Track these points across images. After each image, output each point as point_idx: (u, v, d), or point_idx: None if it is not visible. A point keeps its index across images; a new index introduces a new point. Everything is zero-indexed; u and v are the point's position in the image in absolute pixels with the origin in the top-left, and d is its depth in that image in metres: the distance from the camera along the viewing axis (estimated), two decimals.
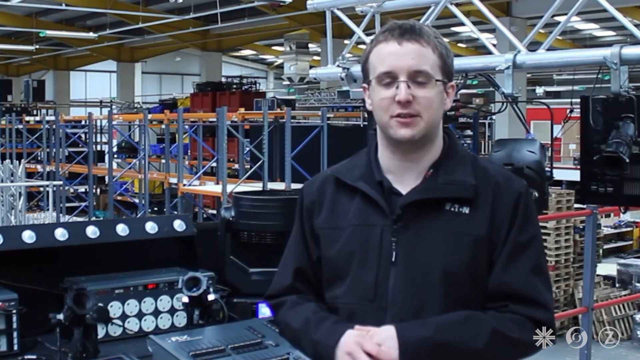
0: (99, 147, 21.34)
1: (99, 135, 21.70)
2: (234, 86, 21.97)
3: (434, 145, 1.91)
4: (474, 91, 21.67)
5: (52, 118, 19.52)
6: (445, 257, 1.83)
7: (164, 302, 3.04)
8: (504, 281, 1.84)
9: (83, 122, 19.55)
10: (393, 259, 1.85)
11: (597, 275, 9.83)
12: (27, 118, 21.55)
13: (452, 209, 1.86)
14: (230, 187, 11.36)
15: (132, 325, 2.97)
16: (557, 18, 6.24)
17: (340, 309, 1.92)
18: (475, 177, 1.89)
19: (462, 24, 5.37)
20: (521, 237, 1.86)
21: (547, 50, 4.45)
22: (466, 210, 1.85)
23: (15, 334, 2.72)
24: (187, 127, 14.67)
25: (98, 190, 19.82)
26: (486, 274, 1.86)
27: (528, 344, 1.83)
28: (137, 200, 17.02)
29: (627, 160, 3.76)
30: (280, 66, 29.04)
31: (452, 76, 1.92)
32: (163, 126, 16.44)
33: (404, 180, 1.90)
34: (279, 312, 2.02)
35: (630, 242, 15.49)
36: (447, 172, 1.89)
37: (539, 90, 29.44)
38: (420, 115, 1.84)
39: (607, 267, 11.45)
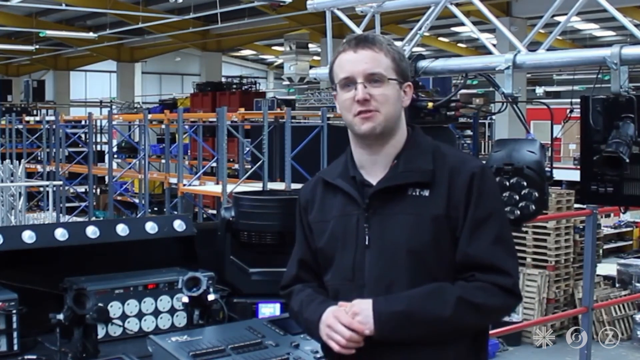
0: (99, 147, 21.36)
1: (99, 135, 21.70)
2: (234, 86, 21.96)
3: (396, 138, 2.16)
4: (474, 91, 21.69)
5: (52, 118, 19.51)
6: (409, 236, 2.07)
7: (164, 302, 3.04)
8: (468, 253, 2.06)
9: (83, 122, 19.55)
10: (367, 243, 2.11)
11: (597, 275, 9.83)
12: (27, 118, 21.54)
13: (414, 193, 2.10)
14: (230, 187, 11.36)
15: (132, 325, 2.97)
16: (557, 18, 6.24)
17: (330, 290, 2.19)
18: (434, 163, 2.12)
19: (462, 24, 5.37)
20: (479, 213, 2.07)
21: (547, 50, 4.44)
22: (426, 193, 2.09)
23: (15, 334, 2.73)
24: (187, 127, 14.67)
25: (98, 190, 19.83)
26: (451, 250, 2.07)
27: (493, 307, 2.05)
28: (137, 200, 17.02)
29: (627, 160, 3.75)
30: (280, 66, 29.04)
31: (407, 77, 2.18)
32: (163, 126, 16.44)
33: (374, 173, 2.15)
34: (289, 301, 2.28)
35: (630, 242, 15.51)
36: (407, 160, 2.13)
37: (539, 90, 29.45)
38: (379, 110, 2.09)
39: (607, 267, 11.45)
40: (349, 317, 2.01)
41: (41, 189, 16.58)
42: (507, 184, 3.84)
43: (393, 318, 1.99)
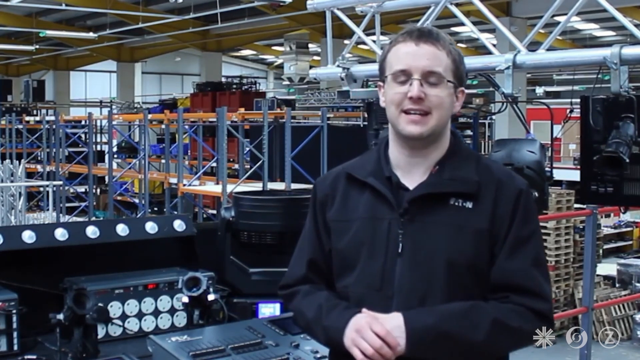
0: (99, 147, 21.35)
1: (99, 135, 21.70)
2: (234, 86, 21.99)
3: (441, 144, 2.01)
4: (474, 91, 21.67)
5: (52, 118, 19.51)
6: (449, 248, 1.92)
7: (164, 302, 3.04)
8: (506, 273, 1.93)
9: (83, 122, 19.55)
10: (399, 250, 1.94)
11: (597, 275, 9.82)
12: (27, 118, 21.56)
13: (456, 204, 1.95)
14: (230, 187, 11.36)
15: (132, 325, 2.97)
16: (557, 18, 6.24)
17: (350, 298, 2.00)
18: (479, 174, 1.98)
19: (462, 24, 5.37)
20: (522, 231, 1.95)
21: (547, 50, 4.44)
22: (469, 204, 1.94)
23: (15, 334, 2.73)
24: (187, 127, 14.67)
25: (98, 190, 19.83)
26: (487, 266, 1.94)
27: (527, 333, 1.94)
28: (137, 200, 17.02)
29: (627, 160, 3.76)
30: (280, 66, 29.03)
31: (463, 82, 2.02)
32: (163, 126, 16.45)
33: (412, 176, 2.00)
34: (292, 301, 2.10)
35: (630, 242, 15.50)
36: (452, 168, 1.98)
37: (539, 90, 29.42)
38: (431, 113, 1.94)
39: (607, 267, 11.45)
40: (384, 328, 1.84)
41: (41, 189, 16.56)
42: None
43: (426, 334, 1.84)
